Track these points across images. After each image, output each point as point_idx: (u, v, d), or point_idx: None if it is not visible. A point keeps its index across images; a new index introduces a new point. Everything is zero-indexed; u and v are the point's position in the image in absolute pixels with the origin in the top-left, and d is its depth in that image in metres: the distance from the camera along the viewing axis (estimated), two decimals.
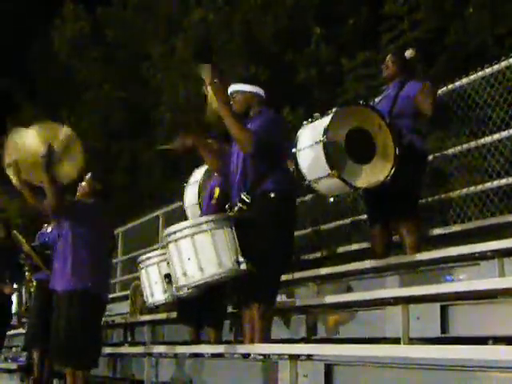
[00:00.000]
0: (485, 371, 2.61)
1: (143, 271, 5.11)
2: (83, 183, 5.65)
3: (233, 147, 4.48)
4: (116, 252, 10.93)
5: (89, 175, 5.65)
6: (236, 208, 4.21)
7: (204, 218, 4.15)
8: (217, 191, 5.10)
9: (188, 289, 4.26)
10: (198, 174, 5.89)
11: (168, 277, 4.70)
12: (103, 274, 5.52)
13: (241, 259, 4.00)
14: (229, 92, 4.46)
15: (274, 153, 4.26)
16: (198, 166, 6.03)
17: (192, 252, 4.00)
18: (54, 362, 6.18)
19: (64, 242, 5.41)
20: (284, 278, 4.72)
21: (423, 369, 2.88)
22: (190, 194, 5.90)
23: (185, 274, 4.02)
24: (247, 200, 4.18)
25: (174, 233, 4.11)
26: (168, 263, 4.28)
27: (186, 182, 6.01)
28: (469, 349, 2.77)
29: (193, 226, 4.07)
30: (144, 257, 5.13)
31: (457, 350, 2.80)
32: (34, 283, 6.98)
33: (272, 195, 4.16)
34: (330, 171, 4.27)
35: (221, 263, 3.98)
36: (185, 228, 4.09)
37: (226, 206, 4.35)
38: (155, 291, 4.97)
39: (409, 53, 5.02)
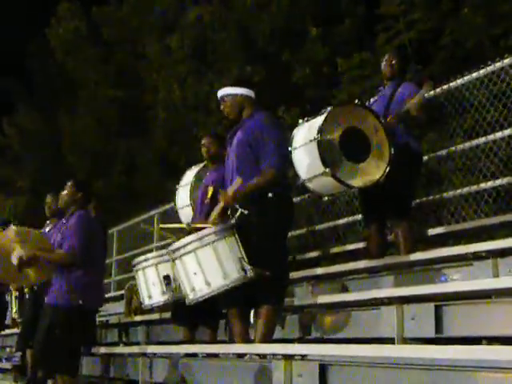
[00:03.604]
0: (479, 371, 2.61)
1: (140, 272, 5.05)
2: (64, 192, 5.45)
3: (228, 149, 4.47)
4: (111, 251, 10.90)
5: (70, 183, 5.47)
6: (238, 214, 4.17)
7: (205, 232, 4.12)
8: (210, 190, 5.08)
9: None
10: (190, 176, 5.88)
11: (167, 278, 4.68)
12: (97, 287, 5.42)
13: (246, 267, 3.98)
14: (219, 96, 4.46)
15: None
16: (190, 167, 6.04)
17: (197, 267, 4.02)
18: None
19: None
20: None
21: (417, 369, 2.88)
22: (182, 195, 5.89)
23: (193, 290, 4.05)
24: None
25: (178, 249, 4.13)
26: (173, 269, 4.28)
27: (178, 184, 6.00)
28: (463, 349, 2.77)
29: (195, 241, 4.08)
30: (141, 258, 5.08)
31: (451, 350, 2.80)
32: None
33: (270, 195, 4.16)
34: (324, 170, 4.27)
35: (226, 274, 3.98)
36: (188, 244, 4.10)
37: (228, 212, 4.30)
38: (153, 293, 4.93)
39: None
